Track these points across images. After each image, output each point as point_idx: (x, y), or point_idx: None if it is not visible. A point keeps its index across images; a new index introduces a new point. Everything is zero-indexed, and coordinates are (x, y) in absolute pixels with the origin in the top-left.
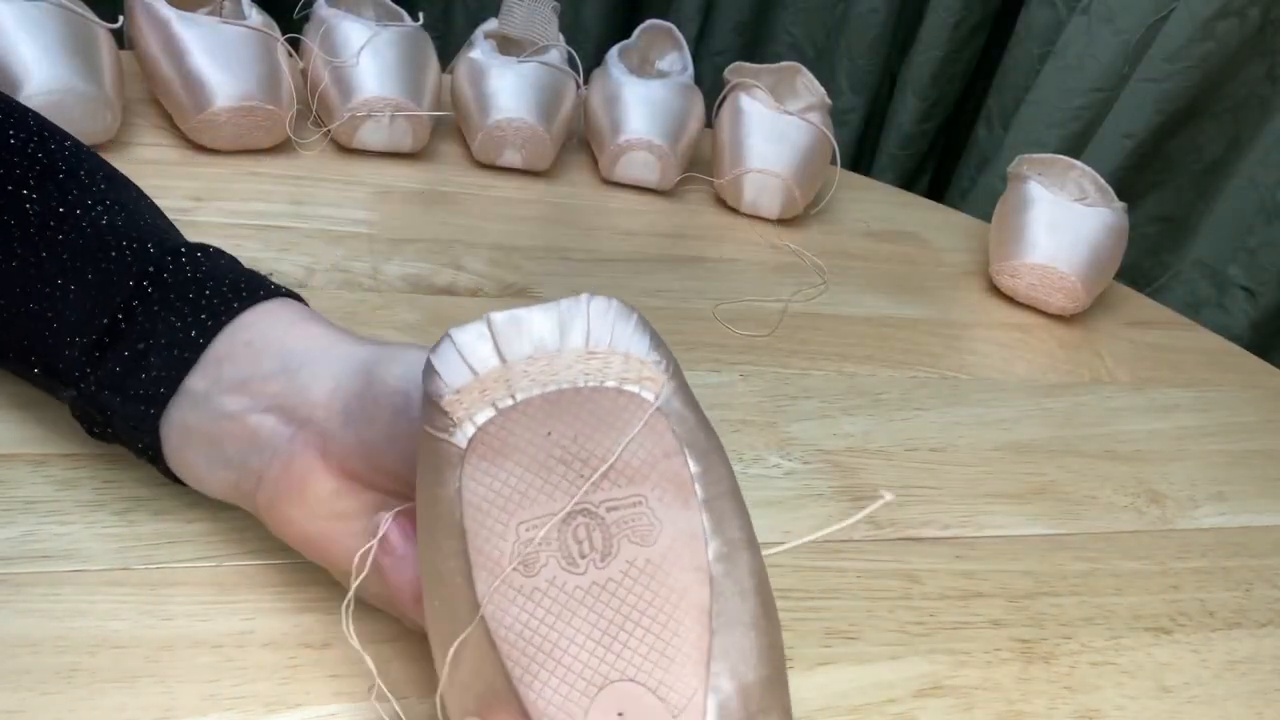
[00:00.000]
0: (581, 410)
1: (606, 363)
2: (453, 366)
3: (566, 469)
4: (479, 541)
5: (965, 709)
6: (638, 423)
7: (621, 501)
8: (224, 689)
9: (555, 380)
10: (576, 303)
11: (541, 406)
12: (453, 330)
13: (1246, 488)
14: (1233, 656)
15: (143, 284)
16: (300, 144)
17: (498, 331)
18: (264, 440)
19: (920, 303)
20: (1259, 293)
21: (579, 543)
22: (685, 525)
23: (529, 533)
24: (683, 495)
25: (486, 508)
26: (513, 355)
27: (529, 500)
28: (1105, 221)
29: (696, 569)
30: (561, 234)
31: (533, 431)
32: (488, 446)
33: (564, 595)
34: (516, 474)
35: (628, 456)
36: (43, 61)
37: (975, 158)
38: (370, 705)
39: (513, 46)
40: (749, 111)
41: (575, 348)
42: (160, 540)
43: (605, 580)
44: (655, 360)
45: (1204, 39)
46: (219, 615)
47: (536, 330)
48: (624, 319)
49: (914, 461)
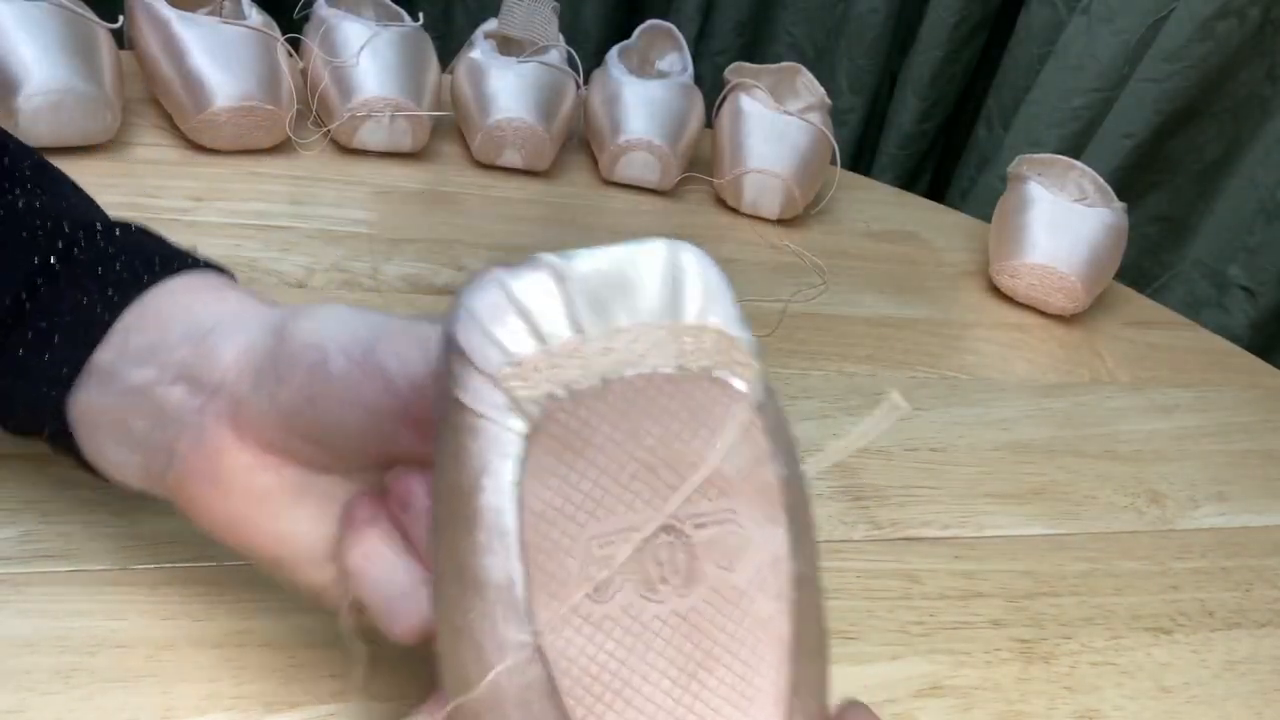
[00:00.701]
0: (671, 402)
1: (699, 340)
2: (510, 326)
3: (652, 475)
4: (540, 557)
5: (965, 709)
6: (732, 421)
7: (710, 518)
8: (224, 689)
9: (641, 361)
10: (663, 253)
11: (624, 394)
12: (504, 273)
13: (1246, 488)
14: (1232, 656)
15: (49, 261)
16: (300, 144)
17: (571, 287)
18: (171, 413)
19: (920, 303)
20: (1259, 293)
21: (660, 565)
22: (772, 546)
23: (602, 550)
24: (770, 509)
25: (553, 516)
26: (590, 323)
27: (604, 510)
28: (1105, 221)
29: (779, 596)
30: (561, 234)
31: (614, 425)
32: (557, 440)
33: (639, 626)
34: (592, 477)
35: (720, 464)
36: (43, 61)
37: (975, 158)
38: (370, 705)
39: (513, 46)
40: (749, 111)
41: (667, 319)
42: (160, 540)
43: (686, 610)
44: (748, 339)
45: (1204, 39)
46: (219, 615)
47: (620, 290)
48: (718, 280)
49: (914, 461)
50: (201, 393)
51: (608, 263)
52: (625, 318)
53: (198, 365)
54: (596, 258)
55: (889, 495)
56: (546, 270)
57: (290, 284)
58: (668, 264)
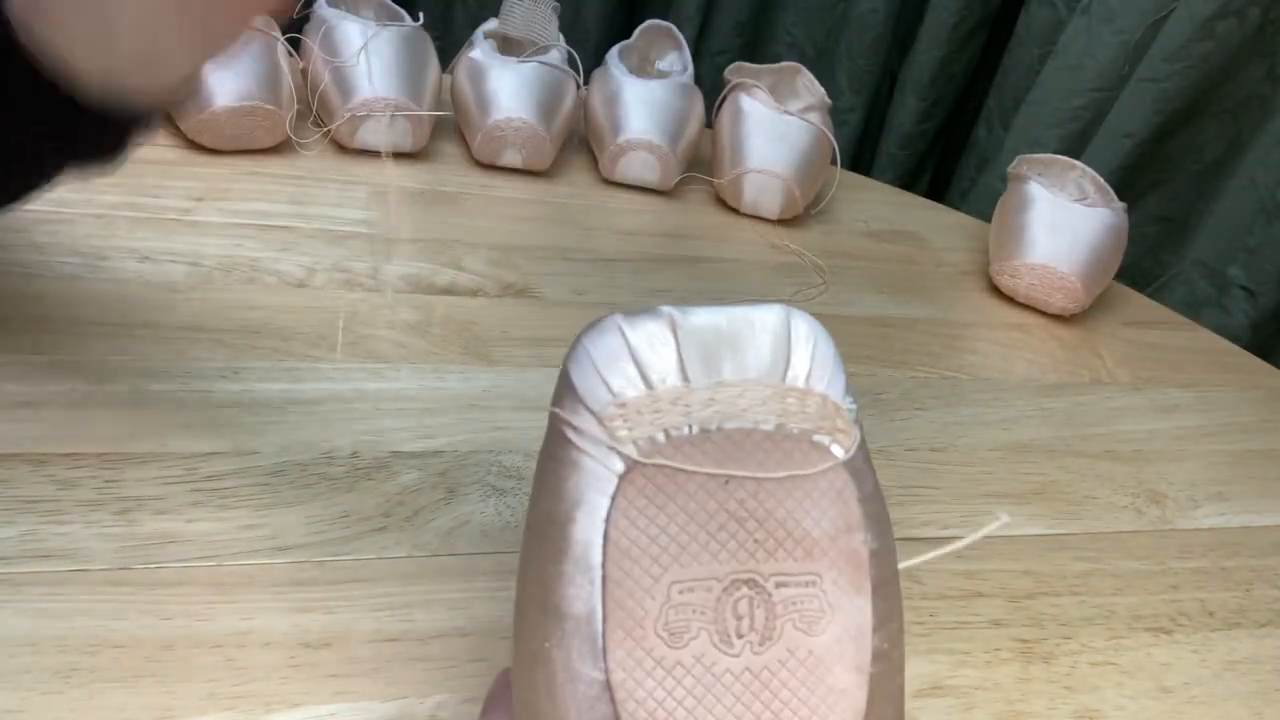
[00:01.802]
0: (767, 459)
1: (803, 403)
2: (620, 369)
3: (739, 528)
4: (620, 594)
5: (965, 709)
6: (825, 485)
7: (794, 578)
8: (224, 689)
9: (743, 415)
10: (776, 315)
11: (722, 445)
12: (623, 320)
13: (1246, 488)
14: (1233, 656)
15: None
16: (300, 144)
17: (684, 339)
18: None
19: (920, 303)
20: (1259, 293)
21: (738, 618)
22: (855, 616)
23: (682, 595)
24: (858, 579)
25: (637, 555)
26: (698, 374)
27: (689, 556)
28: (1105, 221)
29: (858, 669)
30: (561, 234)
31: (707, 475)
32: (651, 481)
33: (710, 677)
34: (680, 521)
35: (809, 526)
36: None
37: (975, 158)
38: (370, 705)
39: (513, 46)
40: (749, 111)
41: (773, 379)
42: (160, 540)
43: (760, 668)
44: (850, 407)
45: (1204, 39)
46: (219, 615)
47: (730, 347)
48: (827, 349)
49: (914, 461)
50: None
51: (724, 320)
52: (731, 372)
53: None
54: (714, 314)
55: (889, 495)
56: (663, 320)
57: (290, 284)
58: (780, 327)
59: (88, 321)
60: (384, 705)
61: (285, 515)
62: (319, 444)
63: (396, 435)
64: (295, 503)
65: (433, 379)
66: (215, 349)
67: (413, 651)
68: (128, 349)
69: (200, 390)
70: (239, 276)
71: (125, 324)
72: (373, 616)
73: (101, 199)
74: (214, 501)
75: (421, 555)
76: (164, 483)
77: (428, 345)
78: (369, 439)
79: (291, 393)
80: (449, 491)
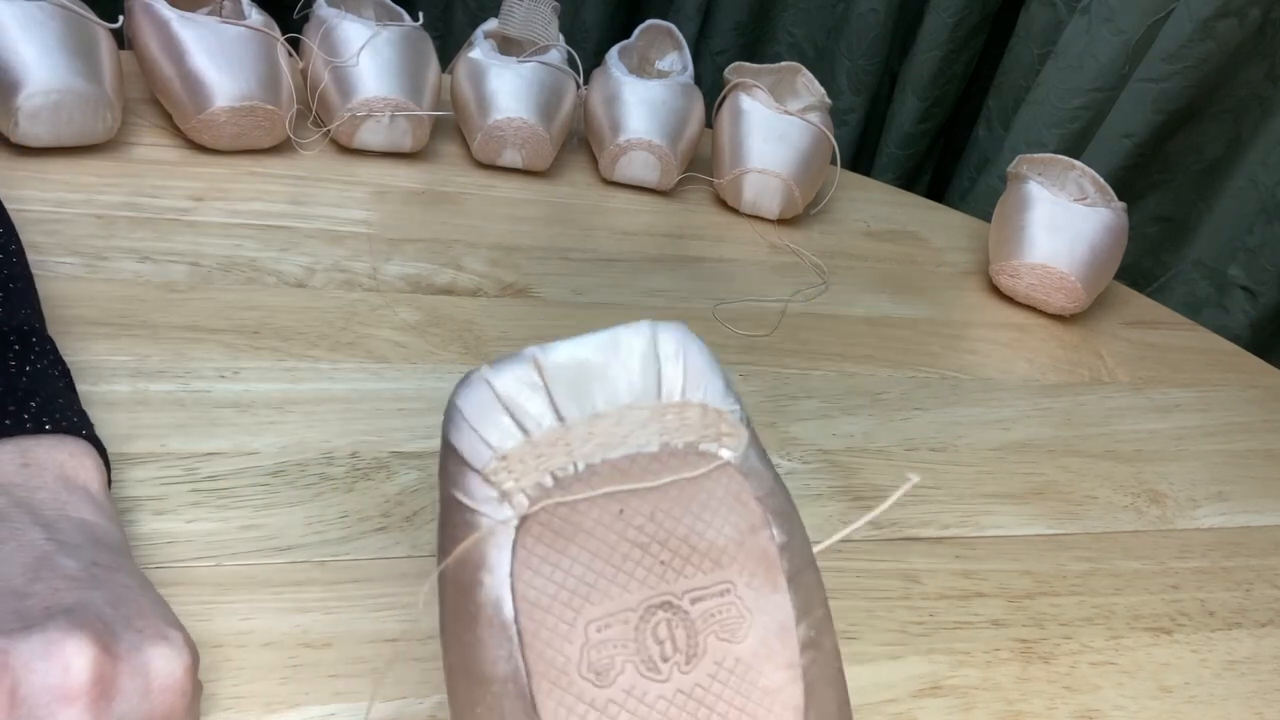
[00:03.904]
0: (656, 480)
1: (683, 417)
2: (495, 422)
3: (644, 554)
4: (539, 645)
5: (965, 709)
6: (721, 491)
7: (707, 591)
8: (224, 689)
9: (625, 443)
10: (641, 334)
11: (609, 476)
12: (488, 371)
13: (1246, 488)
14: (1233, 656)
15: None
16: (300, 144)
17: (551, 379)
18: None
19: (920, 302)
20: (1259, 293)
21: (660, 643)
22: (776, 613)
23: (600, 633)
24: (771, 576)
25: (548, 604)
26: (572, 411)
27: (599, 593)
28: (1105, 221)
29: (789, 665)
30: (561, 234)
31: (601, 509)
32: (546, 527)
33: (644, 707)
34: (584, 561)
35: (712, 536)
36: (43, 61)
37: (975, 158)
38: (370, 705)
39: (513, 46)
40: (749, 111)
41: (647, 401)
42: (160, 540)
43: (691, 687)
44: (734, 409)
45: (1204, 39)
46: (219, 615)
47: (599, 377)
48: (699, 357)
49: (914, 461)
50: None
51: (589, 350)
52: (605, 403)
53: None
54: (578, 346)
55: (889, 495)
56: (527, 363)
57: (290, 284)
58: (646, 346)
59: (88, 321)
60: (384, 705)
61: (285, 515)
62: (319, 444)
63: (396, 435)
64: (295, 503)
65: (433, 379)
66: (215, 349)
67: (413, 651)
68: (128, 349)
69: (200, 390)
70: (239, 276)
71: (125, 324)
72: (373, 616)
73: (101, 199)
74: (214, 501)
75: (421, 555)
76: (163, 483)
77: (427, 345)
78: (369, 439)
79: (291, 393)
80: None
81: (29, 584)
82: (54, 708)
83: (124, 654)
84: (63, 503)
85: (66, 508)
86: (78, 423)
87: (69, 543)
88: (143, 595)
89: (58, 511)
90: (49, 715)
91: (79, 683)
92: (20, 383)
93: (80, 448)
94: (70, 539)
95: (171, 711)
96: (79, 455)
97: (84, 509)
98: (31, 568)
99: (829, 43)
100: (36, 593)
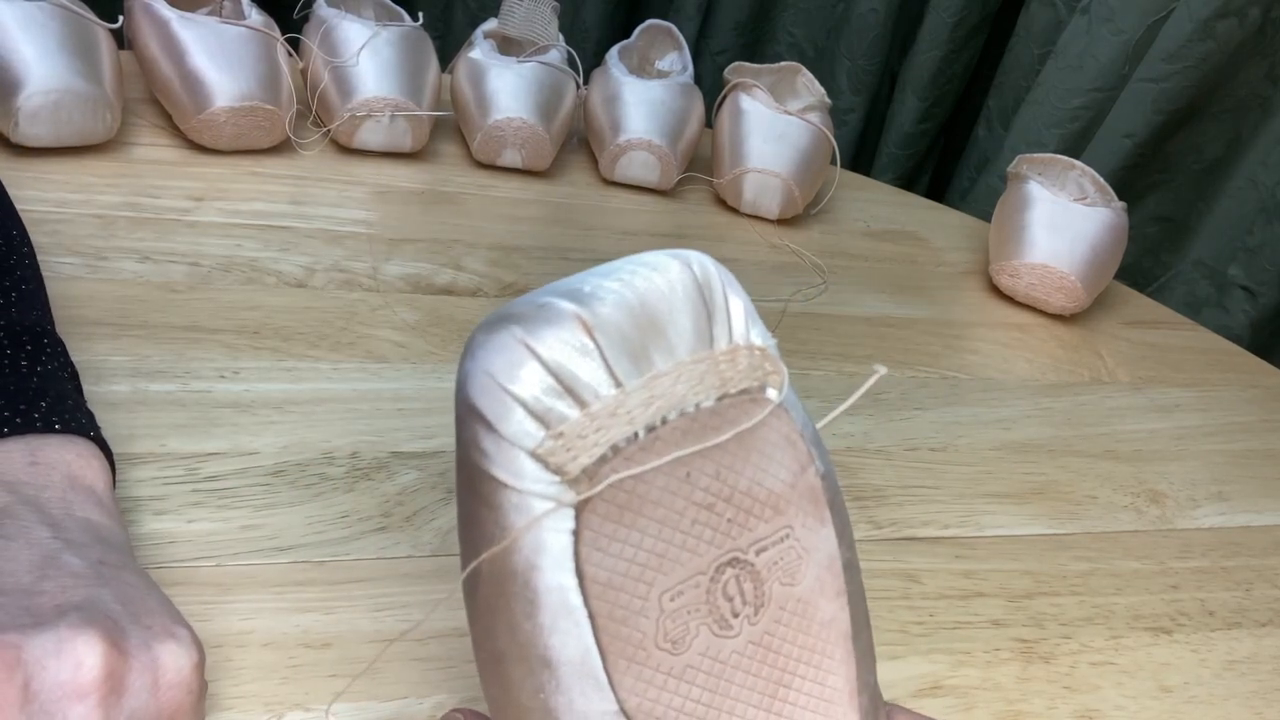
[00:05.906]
0: (717, 435)
1: (734, 363)
2: (544, 395)
3: (710, 514)
4: (613, 626)
5: (965, 709)
6: (774, 435)
7: (770, 539)
8: (224, 689)
9: (684, 400)
10: (679, 272)
11: (673, 439)
12: (522, 333)
13: (1246, 488)
14: (1233, 656)
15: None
16: (300, 144)
17: (604, 340)
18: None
19: (920, 302)
20: (1259, 293)
21: (730, 599)
22: (825, 548)
23: (674, 602)
24: (819, 511)
25: (620, 582)
26: (630, 374)
27: (670, 562)
28: (1105, 221)
29: (838, 594)
30: (561, 234)
31: (668, 475)
32: (612, 503)
33: (719, 665)
34: (653, 532)
35: (770, 483)
36: (43, 61)
37: (975, 158)
38: (369, 705)
39: (513, 46)
40: (749, 111)
41: (702, 350)
42: (161, 540)
43: (760, 635)
44: (771, 342)
45: (1204, 39)
46: (219, 615)
47: (652, 328)
48: (734, 288)
49: (914, 461)
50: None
51: (634, 298)
52: (661, 361)
53: None
54: (621, 294)
55: (889, 495)
56: (571, 324)
57: (290, 284)
58: (690, 286)
59: (88, 321)
60: (384, 705)
61: (285, 515)
62: (319, 444)
63: (396, 435)
64: (295, 503)
65: (433, 379)
66: (215, 349)
67: (413, 651)
68: (128, 349)
69: (200, 390)
70: (239, 276)
71: (125, 324)
72: (373, 616)
73: (101, 199)
74: (214, 501)
75: (421, 555)
76: (164, 483)
77: (427, 345)
78: (369, 439)
79: (291, 393)
80: (449, 491)
81: (37, 581)
82: (66, 703)
83: (134, 651)
84: (69, 502)
85: (73, 507)
86: (86, 424)
87: (75, 541)
88: (149, 594)
89: (64, 510)
90: (61, 711)
91: (90, 679)
92: (31, 382)
93: (88, 448)
94: (76, 538)
95: (179, 708)
96: (86, 456)
97: (90, 509)
98: (39, 565)
99: (829, 43)
100: (46, 590)
